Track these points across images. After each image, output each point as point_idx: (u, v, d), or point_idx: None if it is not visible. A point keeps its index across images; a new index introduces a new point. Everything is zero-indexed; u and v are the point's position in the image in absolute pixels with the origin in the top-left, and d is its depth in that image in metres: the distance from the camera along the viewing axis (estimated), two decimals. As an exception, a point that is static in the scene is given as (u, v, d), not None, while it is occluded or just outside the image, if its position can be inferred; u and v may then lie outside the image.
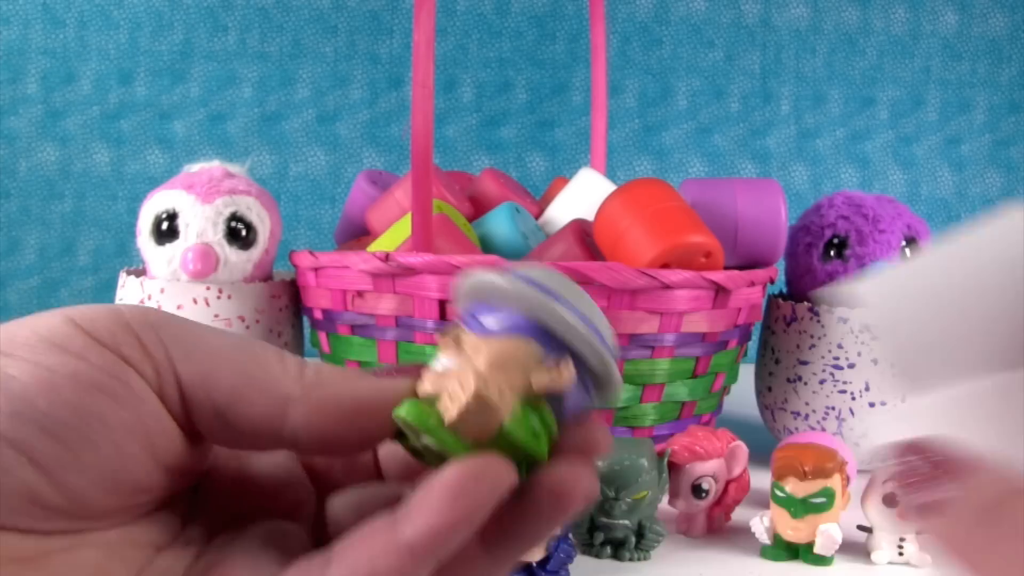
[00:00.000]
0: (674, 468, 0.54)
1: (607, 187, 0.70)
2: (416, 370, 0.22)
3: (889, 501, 0.52)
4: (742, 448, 0.56)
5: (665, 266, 0.60)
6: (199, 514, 0.23)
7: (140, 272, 0.70)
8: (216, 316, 0.65)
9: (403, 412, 0.21)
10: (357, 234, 0.75)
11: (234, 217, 0.66)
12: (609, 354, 0.22)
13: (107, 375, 0.20)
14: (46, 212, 1.12)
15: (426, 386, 0.21)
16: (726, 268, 0.68)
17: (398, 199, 0.69)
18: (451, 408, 0.20)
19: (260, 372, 0.22)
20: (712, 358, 0.64)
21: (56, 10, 1.10)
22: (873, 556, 0.53)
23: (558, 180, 0.79)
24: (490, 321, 0.22)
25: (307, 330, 0.71)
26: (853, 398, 0.68)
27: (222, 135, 1.13)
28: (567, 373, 0.21)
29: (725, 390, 0.70)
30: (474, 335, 0.21)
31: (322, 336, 0.66)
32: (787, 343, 0.71)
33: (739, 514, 0.58)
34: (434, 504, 0.19)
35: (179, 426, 0.21)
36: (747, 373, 0.77)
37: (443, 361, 0.21)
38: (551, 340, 0.22)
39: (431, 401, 0.21)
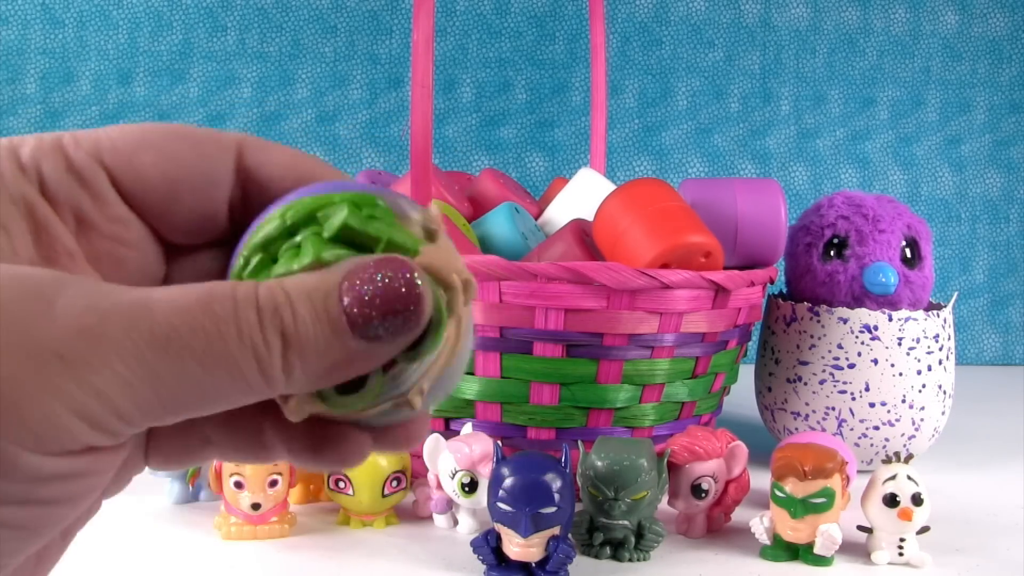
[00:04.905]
0: (674, 468, 0.54)
1: (607, 187, 0.70)
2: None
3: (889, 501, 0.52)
4: (742, 448, 0.56)
5: (665, 266, 0.60)
6: None
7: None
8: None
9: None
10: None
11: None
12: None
13: None
14: (45, 212, 1.12)
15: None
16: (726, 268, 0.68)
17: (397, 199, 0.68)
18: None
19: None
20: (712, 358, 0.64)
21: (55, 10, 1.10)
22: (873, 556, 0.52)
23: (558, 180, 0.79)
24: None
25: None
26: (853, 398, 0.68)
27: (221, 135, 1.13)
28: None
29: (725, 390, 0.70)
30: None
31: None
32: (787, 343, 0.71)
33: (739, 514, 0.58)
34: None
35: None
36: (747, 373, 0.77)
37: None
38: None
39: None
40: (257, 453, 0.23)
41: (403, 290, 0.19)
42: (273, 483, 0.53)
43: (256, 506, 0.53)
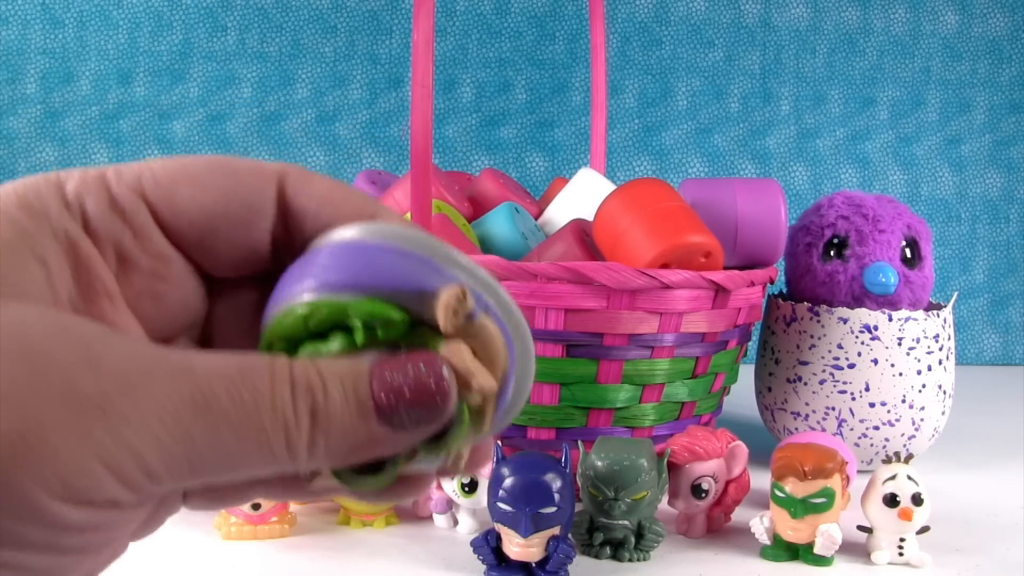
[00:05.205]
0: (674, 468, 0.54)
1: (607, 187, 0.70)
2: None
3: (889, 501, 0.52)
4: (742, 448, 0.56)
5: (665, 266, 0.60)
6: None
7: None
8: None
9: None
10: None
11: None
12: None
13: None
14: (45, 212, 1.11)
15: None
16: (726, 268, 0.68)
17: (397, 199, 0.68)
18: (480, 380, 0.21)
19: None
20: (712, 358, 0.64)
21: (55, 10, 1.10)
22: (873, 556, 0.52)
23: (558, 180, 0.79)
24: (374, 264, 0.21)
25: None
26: (853, 398, 0.68)
27: (221, 135, 1.13)
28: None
29: (725, 390, 0.70)
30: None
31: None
32: (787, 343, 0.71)
33: (739, 514, 0.58)
34: None
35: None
36: (747, 373, 0.77)
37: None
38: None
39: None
40: (310, 492, 0.23)
41: (432, 383, 0.20)
42: (273, 483, 0.53)
43: (256, 506, 0.53)
